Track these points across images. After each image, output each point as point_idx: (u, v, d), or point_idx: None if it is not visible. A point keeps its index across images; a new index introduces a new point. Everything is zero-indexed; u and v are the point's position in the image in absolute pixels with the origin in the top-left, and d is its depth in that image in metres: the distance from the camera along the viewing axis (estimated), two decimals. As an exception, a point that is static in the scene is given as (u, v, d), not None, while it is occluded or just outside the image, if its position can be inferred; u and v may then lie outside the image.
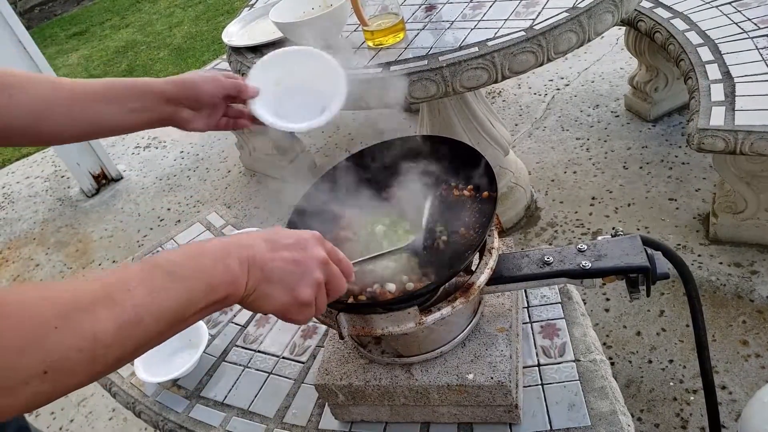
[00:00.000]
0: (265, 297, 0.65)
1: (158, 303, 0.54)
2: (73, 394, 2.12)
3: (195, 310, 0.58)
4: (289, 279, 0.66)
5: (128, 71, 4.96)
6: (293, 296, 0.67)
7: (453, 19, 1.50)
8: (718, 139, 1.52)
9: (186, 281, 0.57)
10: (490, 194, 0.96)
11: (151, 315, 0.54)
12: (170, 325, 0.56)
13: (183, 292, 0.57)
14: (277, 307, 0.67)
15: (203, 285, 0.59)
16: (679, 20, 1.98)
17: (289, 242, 0.68)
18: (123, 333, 0.51)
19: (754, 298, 1.72)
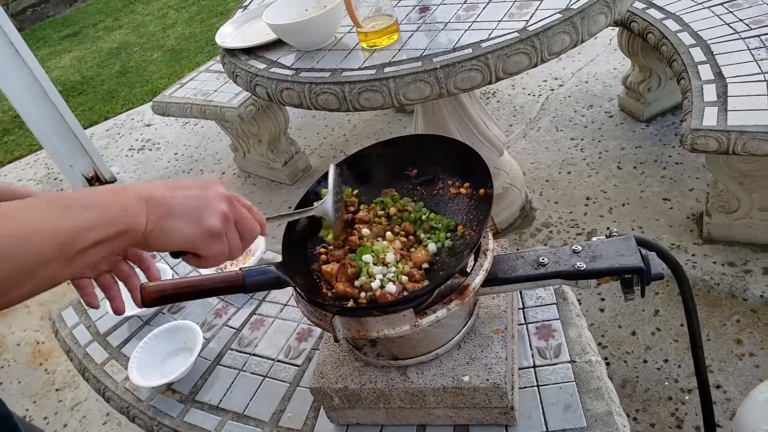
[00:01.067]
0: (171, 231, 0.65)
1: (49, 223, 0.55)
2: (66, 398, 2.11)
3: (90, 239, 0.57)
4: (192, 211, 0.66)
5: (121, 73, 4.95)
6: (199, 226, 0.67)
7: (447, 21, 1.50)
8: (711, 139, 1.52)
9: (80, 210, 0.58)
10: (486, 191, 0.96)
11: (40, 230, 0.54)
12: (58, 249, 0.55)
13: (76, 218, 0.57)
14: (186, 240, 0.66)
15: (97, 215, 0.58)
16: (671, 21, 1.99)
17: (189, 183, 0.69)
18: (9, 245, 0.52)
19: (747, 297, 1.72)
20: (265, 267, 0.86)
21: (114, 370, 1.37)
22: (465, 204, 0.99)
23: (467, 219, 0.97)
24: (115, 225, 0.59)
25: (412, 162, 1.07)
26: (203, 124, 3.63)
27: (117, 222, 0.60)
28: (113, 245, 0.60)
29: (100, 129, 4.11)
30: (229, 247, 0.71)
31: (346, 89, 1.37)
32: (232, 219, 0.71)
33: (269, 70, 1.53)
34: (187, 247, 0.68)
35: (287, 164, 2.87)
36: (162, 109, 2.75)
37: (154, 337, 1.35)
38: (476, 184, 0.99)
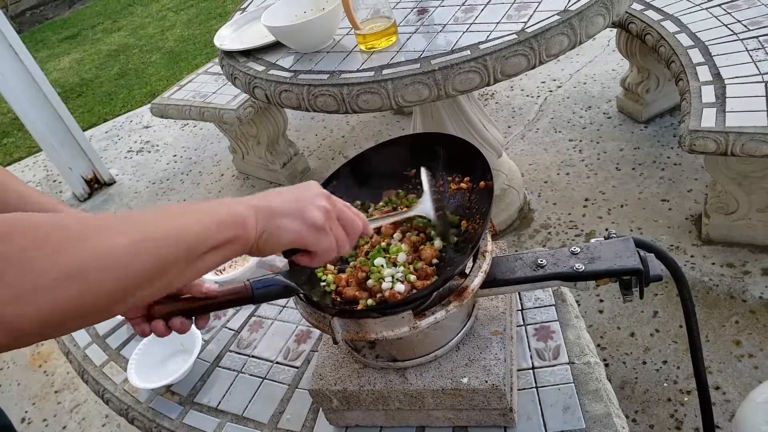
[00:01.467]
0: (278, 230, 0.68)
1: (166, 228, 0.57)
2: (66, 400, 2.10)
3: (207, 245, 0.60)
4: (295, 209, 0.70)
5: (120, 75, 4.95)
6: (304, 221, 0.70)
7: (445, 23, 1.50)
8: (709, 140, 1.53)
9: (195, 215, 0.61)
10: (487, 183, 0.96)
11: (162, 235, 0.56)
12: (184, 251, 0.57)
13: (193, 222, 0.59)
14: (293, 236, 0.69)
15: (212, 221, 0.61)
16: (669, 22, 1.99)
17: (285, 189, 0.73)
18: (135, 249, 0.53)
19: (746, 298, 1.73)
20: (273, 277, 0.86)
21: (113, 372, 1.37)
22: (466, 198, 0.99)
23: (470, 213, 0.97)
24: (227, 230, 0.62)
25: (410, 162, 1.07)
26: (202, 126, 3.63)
27: (229, 227, 0.62)
28: (228, 250, 0.63)
29: (99, 131, 4.11)
30: (336, 240, 0.74)
31: (344, 91, 1.37)
32: (334, 214, 0.74)
33: (268, 72, 1.53)
34: (296, 243, 0.71)
35: (286, 166, 2.87)
36: (161, 111, 2.75)
37: (152, 339, 1.34)
38: (476, 178, 0.99)
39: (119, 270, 0.52)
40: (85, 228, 0.51)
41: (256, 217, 0.66)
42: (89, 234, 0.51)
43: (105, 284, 0.51)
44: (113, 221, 0.54)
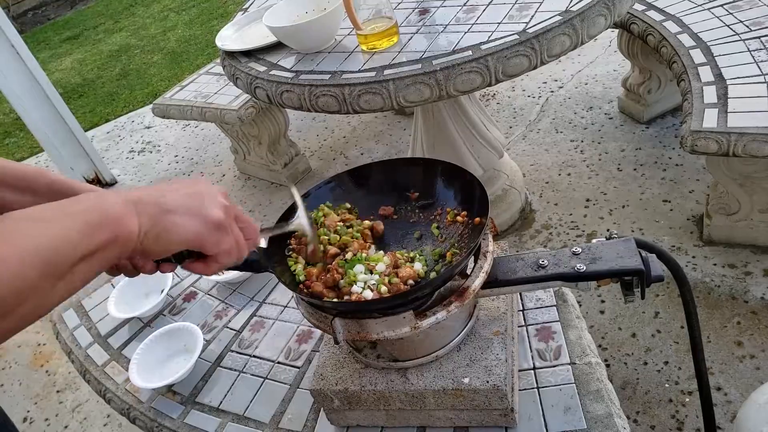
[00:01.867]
0: (172, 228, 0.60)
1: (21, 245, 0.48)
2: (67, 399, 2.11)
3: (77, 255, 0.51)
4: (192, 204, 0.62)
5: (122, 75, 4.95)
6: (203, 218, 0.62)
7: (446, 23, 1.50)
8: (711, 141, 1.53)
9: (58, 222, 0.51)
10: (481, 221, 0.94)
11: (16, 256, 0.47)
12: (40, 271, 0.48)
13: (55, 232, 0.50)
14: (191, 235, 0.61)
15: (79, 224, 0.51)
16: (671, 23, 1.99)
17: (177, 184, 0.65)
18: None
19: (748, 299, 1.72)
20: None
21: (115, 372, 1.37)
22: (459, 231, 0.98)
23: (458, 245, 0.96)
24: (100, 232, 0.53)
25: (414, 185, 1.06)
26: (203, 127, 3.63)
27: (103, 229, 0.53)
28: (107, 254, 0.54)
29: (101, 131, 4.11)
30: (236, 242, 0.67)
31: (346, 91, 1.37)
32: (232, 213, 0.67)
33: (269, 72, 1.53)
34: (193, 244, 0.63)
35: (287, 166, 2.87)
36: (162, 111, 2.75)
37: (154, 339, 1.35)
38: (473, 213, 0.98)
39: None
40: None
41: (137, 213, 0.57)
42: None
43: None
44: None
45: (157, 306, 1.47)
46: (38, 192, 0.74)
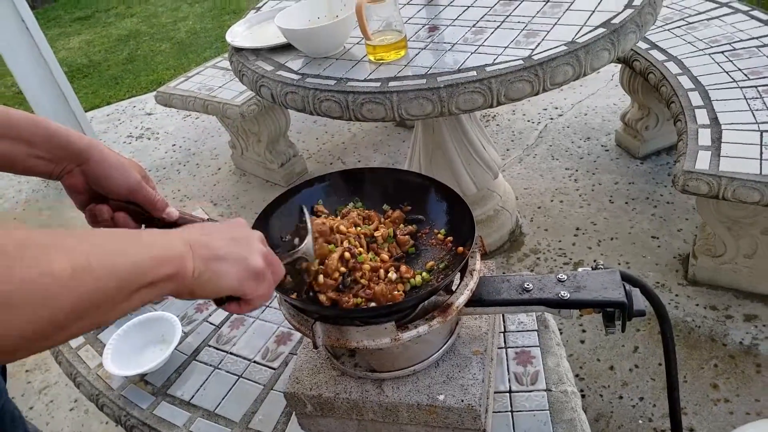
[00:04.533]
0: (219, 274, 0.62)
1: (107, 259, 0.51)
2: (36, 380, 2.09)
3: (143, 281, 0.54)
4: (236, 252, 0.65)
5: (128, 60, 4.95)
6: (246, 267, 0.65)
7: (454, 42, 1.52)
8: (702, 182, 1.54)
9: (129, 252, 0.54)
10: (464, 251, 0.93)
11: (103, 268, 0.50)
12: (120, 285, 0.52)
13: (128, 260, 0.53)
14: (234, 283, 0.64)
15: (148, 257, 0.55)
16: (672, 64, 2.02)
17: (221, 226, 0.68)
18: (77, 277, 0.48)
19: (727, 342, 1.74)
20: None
21: (88, 356, 1.36)
22: (441, 254, 0.98)
23: (437, 268, 0.96)
24: (164, 267, 0.56)
25: (410, 198, 1.06)
26: (204, 119, 3.63)
27: (166, 264, 0.56)
28: (163, 288, 0.57)
29: (101, 113, 4.10)
30: (269, 288, 0.70)
31: (349, 99, 1.38)
32: (269, 260, 0.70)
33: (276, 72, 1.54)
34: (236, 291, 0.65)
35: (284, 166, 2.87)
36: (165, 99, 2.75)
37: (132, 326, 1.34)
38: (458, 241, 0.98)
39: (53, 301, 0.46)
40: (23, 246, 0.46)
41: (192, 256, 0.60)
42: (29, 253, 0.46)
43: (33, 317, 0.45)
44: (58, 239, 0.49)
45: None
46: (35, 144, 0.74)
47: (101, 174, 0.80)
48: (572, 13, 1.53)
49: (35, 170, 0.77)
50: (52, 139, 0.75)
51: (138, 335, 1.34)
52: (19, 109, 0.76)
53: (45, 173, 0.78)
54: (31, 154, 0.75)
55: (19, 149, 0.74)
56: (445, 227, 1.01)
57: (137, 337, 1.34)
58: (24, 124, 0.74)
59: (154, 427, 1.17)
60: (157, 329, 1.35)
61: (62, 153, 0.77)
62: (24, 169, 0.77)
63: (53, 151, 0.76)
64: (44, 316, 0.46)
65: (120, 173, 0.81)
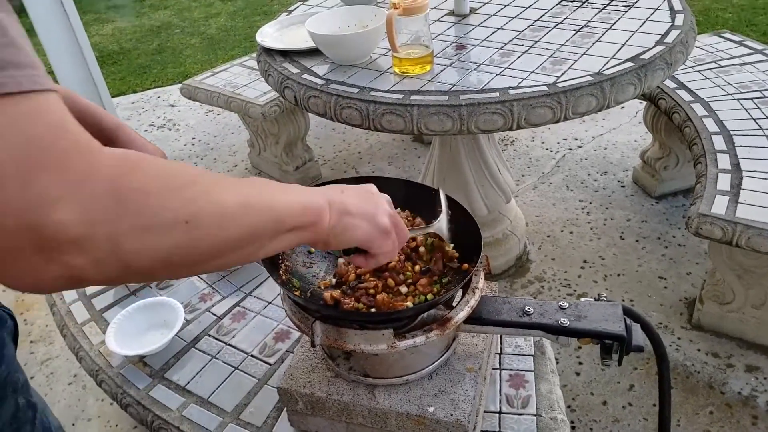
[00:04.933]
0: (350, 228, 0.69)
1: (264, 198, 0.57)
2: (39, 351, 2.11)
3: (291, 224, 0.60)
4: (366, 209, 0.71)
5: (158, 51, 5.02)
6: (375, 224, 0.71)
7: (480, 62, 1.53)
8: (716, 227, 1.54)
9: (282, 193, 0.60)
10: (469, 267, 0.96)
11: (263, 205, 0.56)
12: (273, 223, 0.57)
13: (282, 200, 0.59)
14: (363, 238, 0.71)
15: (297, 203, 0.61)
16: (699, 105, 2.02)
17: (355, 186, 0.74)
18: (243, 211, 0.53)
19: (725, 390, 1.72)
20: None
21: (92, 332, 1.38)
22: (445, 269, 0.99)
23: (440, 282, 0.97)
24: (307, 214, 0.62)
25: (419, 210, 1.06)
26: (226, 115, 3.67)
27: (309, 212, 0.62)
28: (302, 236, 0.63)
29: (127, 100, 4.16)
30: (394, 247, 0.76)
31: (370, 108, 1.39)
32: (394, 221, 0.75)
33: (301, 75, 1.56)
34: (364, 244, 0.72)
35: (299, 169, 2.90)
36: (190, 92, 2.79)
37: (137, 308, 1.36)
38: (463, 257, 0.99)
39: (227, 226, 0.52)
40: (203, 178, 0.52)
41: (330, 211, 0.66)
42: (207, 185, 0.51)
43: (210, 238, 0.50)
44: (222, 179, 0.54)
45: None
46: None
47: None
48: (602, 44, 1.55)
49: None
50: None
51: (141, 318, 1.35)
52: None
53: None
54: None
55: None
56: (452, 243, 1.02)
57: (141, 319, 1.35)
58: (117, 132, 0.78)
59: (148, 408, 1.18)
60: (160, 314, 1.36)
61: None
62: None
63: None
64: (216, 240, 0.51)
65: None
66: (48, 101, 0.42)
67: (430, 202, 1.06)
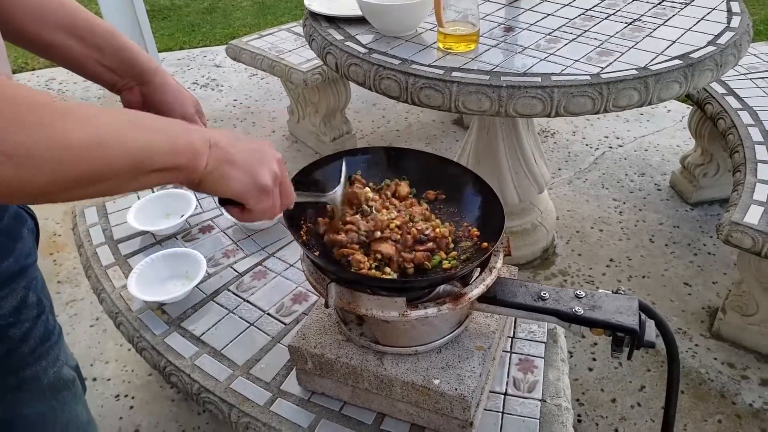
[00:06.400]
0: (227, 177, 0.66)
1: (124, 137, 0.55)
2: (65, 292, 2.18)
3: (154, 165, 0.58)
4: (250, 162, 0.68)
5: (209, 11, 5.06)
6: (254, 179, 0.69)
7: (526, 46, 1.52)
8: (747, 236, 1.51)
9: (150, 132, 0.58)
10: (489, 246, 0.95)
11: (118, 145, 0.54)
12: (130, 165, 0.55)
13: (146, 139, 0.57)
14: (238, 189, 0.68)
15: (166, 143, 0.59)
16: (746, 113, 1.97)
17: (246, 140, 0.72)
18: (90, 150, 0.51)
19: (737, 401, 1.70)
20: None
21: (115, 276, 1.42)
22: (466, 245, 1.00)
23: (459, 259, 0.97)
24: (178, 156, 0.60)
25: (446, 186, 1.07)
26: (269, 80, 3.69)
27: (181, 154, 0.60)
28: (171, 176, 0.61)
29: (173, 56, 4.21)
30: (274, 204, 0.74)
31: (410, 81, 1.39)
32: (279, 180, 0.74)
33: (345, 42, 1.56)
34: (238, 196, 0.70)
35: (335, 141, 2.91)
36: (235, 53, 2.81)
37: (161, 257, 1.39)
38: (485, 236, 0.99)
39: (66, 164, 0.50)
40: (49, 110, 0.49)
41: (209, 154, 0.63)
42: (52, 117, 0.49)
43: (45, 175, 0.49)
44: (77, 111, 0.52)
45: (173, 228, 1.52)
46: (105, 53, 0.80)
47: (159, 98, 0.84)
48: (652, 39, 1.51)
49: (100, 78, 0.82)
50: (121, 53, 0.80)
51: (164, 267, 1.39)
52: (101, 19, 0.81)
53: (108, 83, 0.83)
54: (99, 62, 0.80)
55: (90, 54, 0.79)
56: (475, 221, 1.03)
57: (163, 268, 1.39)
58: (101, 32, 0.79)
59: (162, 353, 1.22)
60: (183, 265, 1.40)
61: (126, 68, 0.82)
62: (91, 75, 0.82)
63: (119, 64, 0.81)
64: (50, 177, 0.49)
65: (178, 101, 0.85)
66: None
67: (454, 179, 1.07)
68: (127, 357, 1.90)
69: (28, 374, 0.73)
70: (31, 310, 0.72)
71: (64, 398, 0.80)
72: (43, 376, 0.75)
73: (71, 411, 0.82)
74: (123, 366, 1.88)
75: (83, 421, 0.85)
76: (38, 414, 0.76)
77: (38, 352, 0.74)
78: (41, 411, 0.76)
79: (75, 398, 0.83)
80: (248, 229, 1.53)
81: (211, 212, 1.61)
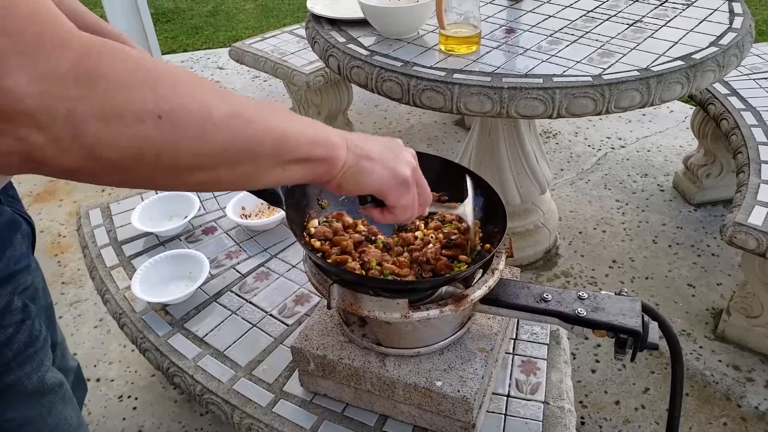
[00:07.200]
0: (367, 172, 0.65)
1: (266, 119, 0.53)
2: (69, 293, 2.19)
3: (295, 154, 0.56)
4: (387, 157, 0.68)
5: (212, 13, 5.07)
6: (393, 173, 0.68)
7: (528, 47, 1.52)
8: (751, 237, 1.50)
9: (287, 119, 0.56)
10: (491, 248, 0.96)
11: (260, 121, 0.52)
12: (272, 148, 0.53)
13: (285, 125, 0.55)
14: (379, 182, 0.67)
15: (304, 133, 0.57)
16: (750, 114, 1.96)
17: (378, 137, 0.71)
18: (233, 122, 0.49)
19: (742, 404, 1.69)
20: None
21: (119, 277, 1.42)
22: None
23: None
24: (318, 148, 0.58)
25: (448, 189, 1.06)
26: (272, 83, 3.70)
27: (320, 147, 0.59)
28: (313, 170, 0.59)
29: (176, 59, 4.22)
30: (413, 203, 0.72)
31: (411, 83, 1.39)
32: (416, 176, 0.72)
33: (347, 45, 1.57)
34: (379, 190, 0.68)
35: (338, 142, 2.91)
36: (238, 55, 2.82)
37: (164, 258, 1.40)
38: (487, 238, 0.99)
39: (211, 133, 0.47)
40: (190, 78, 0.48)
41: (347, 149, 0.63)
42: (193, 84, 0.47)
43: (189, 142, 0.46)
44: (216, 87, 0.50)
45: (176, 229, 1.52)
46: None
47: None
48: (654, 41, 1.51)
49: None
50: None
51: (167, 268, 1.39)
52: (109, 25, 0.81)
53: None
54: None
55: None
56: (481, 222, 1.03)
57: (166, 269, 1.39)
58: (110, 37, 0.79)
59: (165, 354, 1.22)
60: (186, 266, 1.40)
61: None
62: None
63: None
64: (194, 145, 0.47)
65: None
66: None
67: (459, 182, 1.06)
68: (131, 358, 1.91)
69: (11, 379, 0.72)
70: (15, 315, 0.71)
71: (50, 402, 0.79)
72: (27, 381, 0.74)
73: (59, 415, 0.81)
74: (126, 367, 1.88)
75: (73, 425, 0.84)
76: (23, 418, 0.75)
77: (22, 357, 0.73)
78: (26, 415, 0.76)
79: (63, 402, 0.82)
80: (251, 231, 1.54)
81: (214, 214, 1.61)
